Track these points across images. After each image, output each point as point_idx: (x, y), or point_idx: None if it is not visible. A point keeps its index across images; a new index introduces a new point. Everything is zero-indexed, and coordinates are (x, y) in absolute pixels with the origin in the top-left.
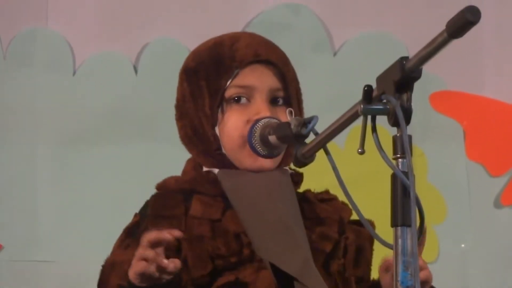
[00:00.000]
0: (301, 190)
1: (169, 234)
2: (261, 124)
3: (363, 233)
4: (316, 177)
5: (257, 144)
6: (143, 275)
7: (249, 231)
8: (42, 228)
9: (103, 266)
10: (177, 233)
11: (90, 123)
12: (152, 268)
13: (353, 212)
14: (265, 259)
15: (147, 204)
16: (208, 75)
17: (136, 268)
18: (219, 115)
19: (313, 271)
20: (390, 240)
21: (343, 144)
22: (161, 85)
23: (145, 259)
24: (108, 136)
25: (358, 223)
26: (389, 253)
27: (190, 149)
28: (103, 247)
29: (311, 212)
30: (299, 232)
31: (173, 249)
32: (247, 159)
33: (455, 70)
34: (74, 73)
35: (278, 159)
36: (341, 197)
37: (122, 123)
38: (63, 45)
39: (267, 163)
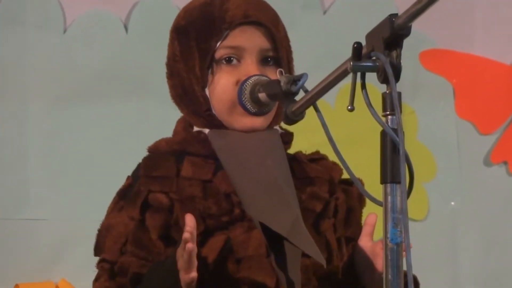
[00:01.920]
0: (292, 150)
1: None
2: (251, 81)
3: (352, 193)
4: (307, 136)
5: (247, 102)
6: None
7: (239, 191)
8: (34, 187)
9: (99, 230)
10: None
11: (81, 81)
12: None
13: (343, 171)
14: (255, 218)
15: (139, 166)
16: (198, 36)
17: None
18: (209, 76)
19: (302, 230)
20: (380, 198)
21: (334, 103)
22: (152, 44)
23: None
24: (99, 94)
25: (347, 182)
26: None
27: (181, 109)
28: (94, 206)
29: (301, 172)
30: (289, 191)
31: (166, 210)
32: (237, 120)
33: (444, 29)
34: (64, 32)
35: (269, 119)
36: (332, 155)
37: (113, 82)
38: (54, 4)
39: (257, 122)
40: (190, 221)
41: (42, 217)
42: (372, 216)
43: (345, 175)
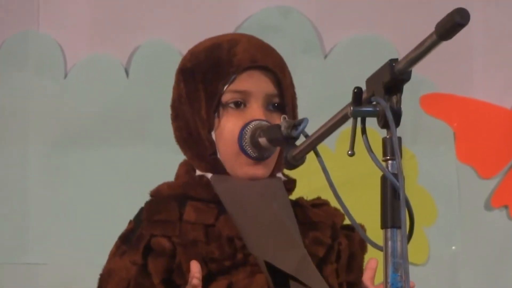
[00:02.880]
0: (293, 195)
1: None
2: (251, 126)
3: (354, 238)
4: (307, 180)
5: (247, 146)
6: None
7: (244, 233)
8: (34, 231)
9: (101, 275)
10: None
11: (81, 126)
12: None
13: (345, 217)
14: (260, 258)
15: (141, 211)
16: (204, 78)
17: None
18: (216, 119)
19: (310, 267)
20: (381, 243)
21: (334, 147)
22: (153, 88)
23: None
24: (99, 139)
25: (349, 227)
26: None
27: (184, 151)
28: (94, 250)
29: (304, 216)
30: (294, 231)
31: (169, 254)
32: (240, 168)
33: (445, 73)
34: (65, 76)
35: (271, 166)
36: (332, 200)
37: (114, 126)
38: (55, 48)
39: (259, 171)
40: (196, 267)
41: (43, 262)
42: (373, 261)
43: (347, 221)
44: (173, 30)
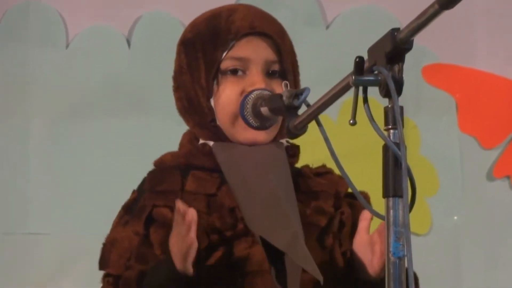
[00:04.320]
0: (298, 164)
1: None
2: (253, 96)
3: (357, 207)
4: (309, 150)
5: (249, 116)
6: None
7: (241, 206)
8: (36, 202)
9: (104, 244)
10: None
11: (83, 97)
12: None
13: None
14: (256, 233)
15: (144, 180)
16: (204, 47)
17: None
18: (215, 86)
19: (300, 245)
20: (383, 212)
21: (336, 118)
22: (154, 59)
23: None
24: (101, 110)
25: (352, 195)
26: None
27: (186, 121)
28: (97, 221)
29: (306, 186)
30: (290, 206)
31: (170, 225)
32: (240, 133)
33: (447, 43)
34: (67, 47)
35: (273, 132)
36: (334, 169)
37: (116, 97)
38: (56, 19)
39: (260, 136)
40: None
41: (45, 232)
42: (366, 212)
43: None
44: (175, 1)
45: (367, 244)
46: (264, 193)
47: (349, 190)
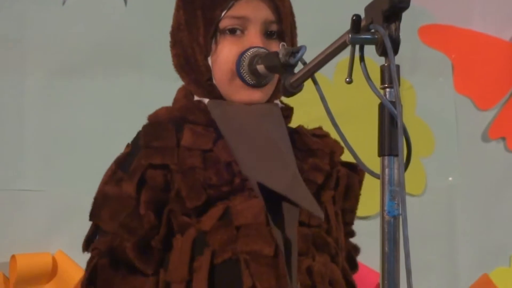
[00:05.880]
0: (293, 123)
1: None
2: (249, 53)
3: (353, 175)
4: (305, 110)
5: (245, 74)
6: None
7: (238, 156)
8: (30, 158)
9: (95, 198)
10: None
11: (79, 53)
12: None
13: (345, 150)
14: (252, 179)
15: (139, 135)
16: (203, 5)
17: None
18: (213, 45)
19: (300, 185)
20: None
21: (332, 77)
22: (151, 16)
23: None
24: (98, 67)
25: (349, 165)
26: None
27: (182, 77)
28: (91, 177)
29: (303, 143)
30: (287, 152)
31: (161, 188)
32: (236, 93)
33: (444, 4)
34: (63, 3)
35: (268, 93)
36: (330, 129)
37: (112, 53)
38: None
39: (255, 96)
40: None
41: (39, 188)
42: None
43: (346, 156)
44: None
45: None
46: (261, 141)
47: (345, 155)
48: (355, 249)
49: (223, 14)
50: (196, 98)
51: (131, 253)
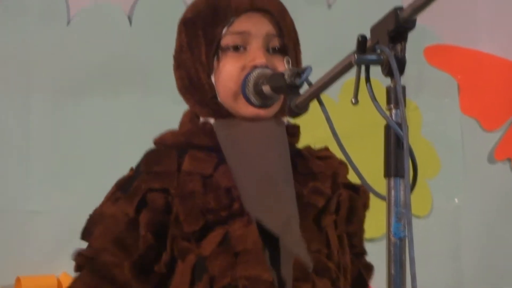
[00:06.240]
0: (299, 144)
1: None
2: (255, 74)
3: (356, 198)
4: (311, 130)
5: (250, 94)
6: None
7: (238, 184)
8: (36, 179)
9: (91, 216)
10: None
11: (84, 74)
12: None
13: (349, 171)
14: (251, 214)
15: (141, 160)
16: (204, 25)
17: None
18: (215, 63)
19: (293, 230)
20: (384, 194)
21: (337, 98)
22: (156, 36)
23: None
24: (102, 87)
25: (352, 187)
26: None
27: (187, 99)
28: (96, 199)
29: (305, 167)
30: (286, 188)
31: (161, 210)
32: (242, 108)
33: (450, 24)
34: (68, 23)
35: (276, 108)
36: (336, 149)
37: (116, 75)
38: None
39: (262, 112)
40: None
41: (44, 209)
42: None
43: (350, 176)
44: None
45: None
46: (262, 173)
47: (349, 176)
48: (367, 268)
49: (224, 31)
50: (202, 119)
51: (129, 273)
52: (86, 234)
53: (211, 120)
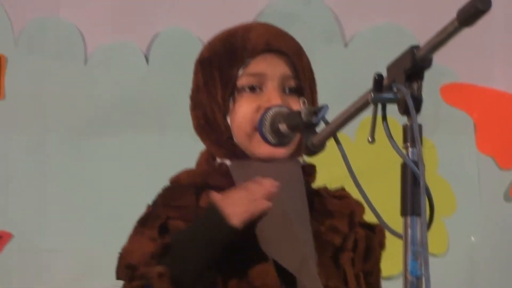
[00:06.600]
0: (316, 182)
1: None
2: (271, 112)
3: (372, 237)
4: (327, 170)
5: (267, 133)
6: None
7: (255, 227)
8: (51, 217)
9: (121, 253)
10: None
11: (101, 112)
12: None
13: (365, 210)
14: (267, 254)
15: (158, 196)
16: (221, 65)
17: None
18: (231, 104)
19: (309, 269)
20: (400, 232)
21: (354, 137)
22: (172, 75)
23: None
24: (119, 126)
25: (369, 227)
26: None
27: (203, 139)
28: (112, 237)
29: (322, 205)
30: (301, 227)
31: None
32: (257, 148)
33: (465, 62)
34: (85, 62)
35: (292, 147)
36: (352, 188)
37: (133, 113)
38: (75, 34)
39: (278, 151)
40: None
41: (59, 248)
42: None
43: (367, 215)
44: (193, 18)
45: None
46: (277, 214)
47: (365, 215)
48: None
49: (240, 72)
50: (218, 160)
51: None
52: (119, 272)
53: (227, 162)
